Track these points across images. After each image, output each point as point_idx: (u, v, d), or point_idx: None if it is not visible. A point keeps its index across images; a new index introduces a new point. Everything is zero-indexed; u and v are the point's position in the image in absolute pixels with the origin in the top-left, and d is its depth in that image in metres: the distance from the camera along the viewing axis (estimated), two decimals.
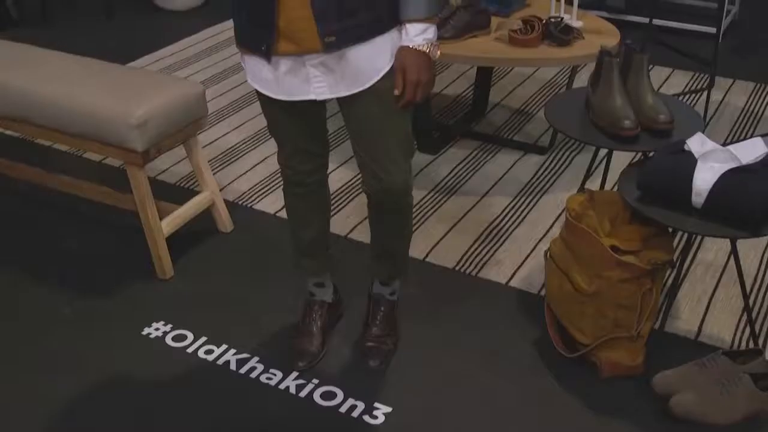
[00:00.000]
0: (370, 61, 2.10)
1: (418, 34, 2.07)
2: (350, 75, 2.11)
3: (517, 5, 3.54)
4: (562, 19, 3.29)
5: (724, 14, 4.72)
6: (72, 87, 2.88)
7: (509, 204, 3.34)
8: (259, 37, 2.09)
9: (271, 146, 3.74)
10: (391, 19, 2.12)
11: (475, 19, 3.29)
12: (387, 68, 2.13)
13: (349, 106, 2.18)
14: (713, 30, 4.43)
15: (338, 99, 2.18)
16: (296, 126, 2.27)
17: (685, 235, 2.79)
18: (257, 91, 2.24)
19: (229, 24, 5.04)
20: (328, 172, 2.46)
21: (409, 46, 2.08)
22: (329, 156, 2.44)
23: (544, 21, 3.26)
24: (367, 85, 2.13)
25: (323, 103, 2.22)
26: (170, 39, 4.95)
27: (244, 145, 3.79)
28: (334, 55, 2.08)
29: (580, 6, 3.49)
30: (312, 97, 2.16)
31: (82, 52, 3.30)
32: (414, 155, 2.33)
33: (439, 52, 2.12)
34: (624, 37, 3.27)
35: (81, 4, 5.48)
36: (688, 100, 4.16)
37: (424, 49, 2.08)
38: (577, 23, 3.38)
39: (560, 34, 3.22)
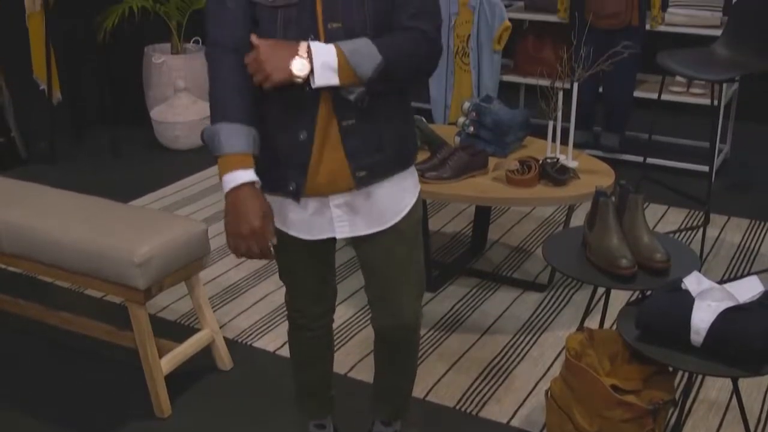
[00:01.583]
0: (396, 199, 2.15)
1: (324, 50, 1.91)
2: (374, 214, 2.14)
3: (513, 146, 3.63)
4: (557, 159, 3.37)
5: (716, 153, 4.84)
6: (74, 225, 2.92)
7: (509, 342, 3.34)
8: (288, 178, 2.09)
9: (271, 284, 3.77)
10: (411, 154, 2.19)
11: (473, 159, 3.37)
12: (411, 206, 2.18)
13: (369, 244, 2.21)
14: (706, 168, 4.53)
15: (356, 237, 2.20)
16: (311, 267, 2.29)
17: (686, 374, 2.78)
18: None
19: None
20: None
21: (304, 42, 1.92)
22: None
23: (540, 161, 3.34)
24: (390, 224, 2.17)
25: (335, 242, 2.25)
26: (174, 177, 5.05)
27: (244, 283, 3.81)
28: (360, 195, 2.11)
29: (575, 146, 3.58)
30: (334, 235, 2.18)
31: (88, 190, 3.37)
32: (424, 290, 2.35)
33: (302, 74, 1.91)
34: (619, 176, 3.35)
35: (89, 143, 5.61)
36: (684, 237, 4.21)
37: (303, 52, 1.91)
38: (572, 163, 3.46)
39: (556, 174, 3.29)
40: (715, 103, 4.19)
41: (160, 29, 5.76)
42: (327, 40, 1.96)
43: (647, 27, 4.87)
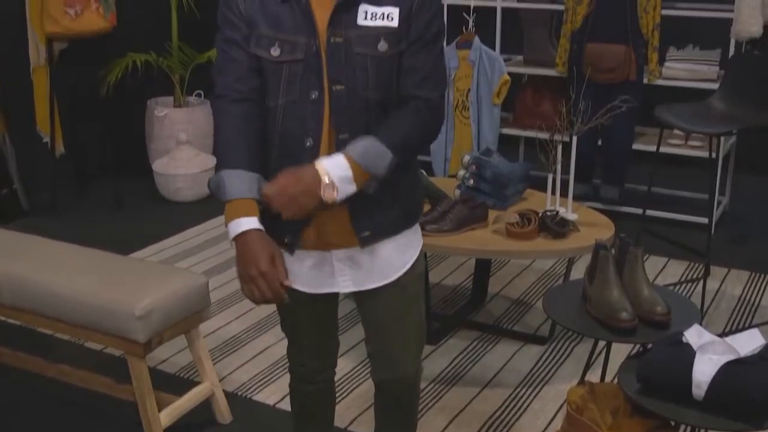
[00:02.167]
0: (399, 254, 2.16)
1: (340, 170, 1.94)
2: (377, 269, 2.14)
3: (513, 199, 3.64)
4: (557, 212, 3.39)
5: (715, 205, 4.86)
6: (75, 277, 2.93)
7: (510, 395, 3.32)
8: (283, 230, 2.08)
9: (271, 336, 3.76)
10: (416, 212, 2.20)
11: (473, 212, 3.39)
12: (413, 260, 2.19)
13: (371, 297, 2.20)
14: (706, 220, 4.54)
15: (357, 292, 2.19)
16: (312, 320, 2.28)
17: (688, 428, 2.76)
18: None
19: None
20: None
21: (317, 165, 1.94)
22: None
23: (540, 214, 3.35)
24: (393, 278, 2.17)
25: (337, 296, 2.25)
26: (175, 229, 5.06)
27: (245, 335, 3.81)
28: (363, 250, 2.11)
29: (574, 198, 3.60)
30: (336, 290, 2.18)
31: (89, 241, 3.38)
32: (425, 343, 2.35)
33: (333, 196, 1.93)
34: (618, 228, 3.36)
35: (91, 195, 5.63)
36: (684, 289, 4.21)
37: (321, 174, 1.93)
38: (572, 216, 3.47)
39: (556, 227, 3.30)
40: (713, 155, 4.22)
41: (163, 83, 5.83)
42: (331, 101, 1.99)
43: (645, 81, 4.92)
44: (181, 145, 5.54)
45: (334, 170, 1.93)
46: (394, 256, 2.15)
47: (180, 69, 5.75)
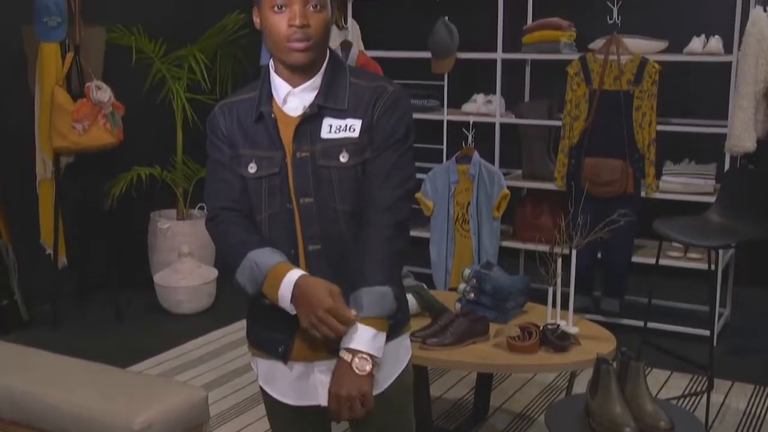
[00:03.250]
0: (383, 366, 2.14)
1: (360, 338, 2.00)
2: None
3: (514, 312, 3.65)
4: (558, 325, 3.39)
5: (717, 317, 4.85)
6: (74, 391, 2.91)
7: None
8: (277, 341, 2.13)
9: None
10: (400, 325, 2.19)
11: (474, 326, 3.39)
12: (398, 373, 2.18)
13: None
14: (707, 333, 4.54)
15: None
16: None
17: None
18: (265, 397, 2.25)
19: (234, 327, 5.17)
20: None
21: (340, 355, 2.02)
22: None
23: (541, 327, 3.36)
24: (377, 391, 2.15)
25: (327, 409, 2.24)
26: (176, 341, 5.04)
27: None
28: None
29: (575, 311, 3.61)
30: (318, 402, 2.16)
31: (89, 353, 3.37)
32: None
33: (369, 368, 2.01)
34: (620, 341, 3.36)
35: (92, 307, 5.63)
36: (687, 403, 4.17)
37: (347, 358, 2.00)
38: (573, 329, 3.47)
39: (557, 341, 3.30)
40: (713, 267, 4.24)
41: (166, 195, 5.91)
42: (300, 213, 2.07)
43: (642, 194, 4.99)
44: (183, 258, 5.57)
45: (360, 340, 1.99)
46: (377, 369, 2.14)
47: (184, 182, 5.84)
